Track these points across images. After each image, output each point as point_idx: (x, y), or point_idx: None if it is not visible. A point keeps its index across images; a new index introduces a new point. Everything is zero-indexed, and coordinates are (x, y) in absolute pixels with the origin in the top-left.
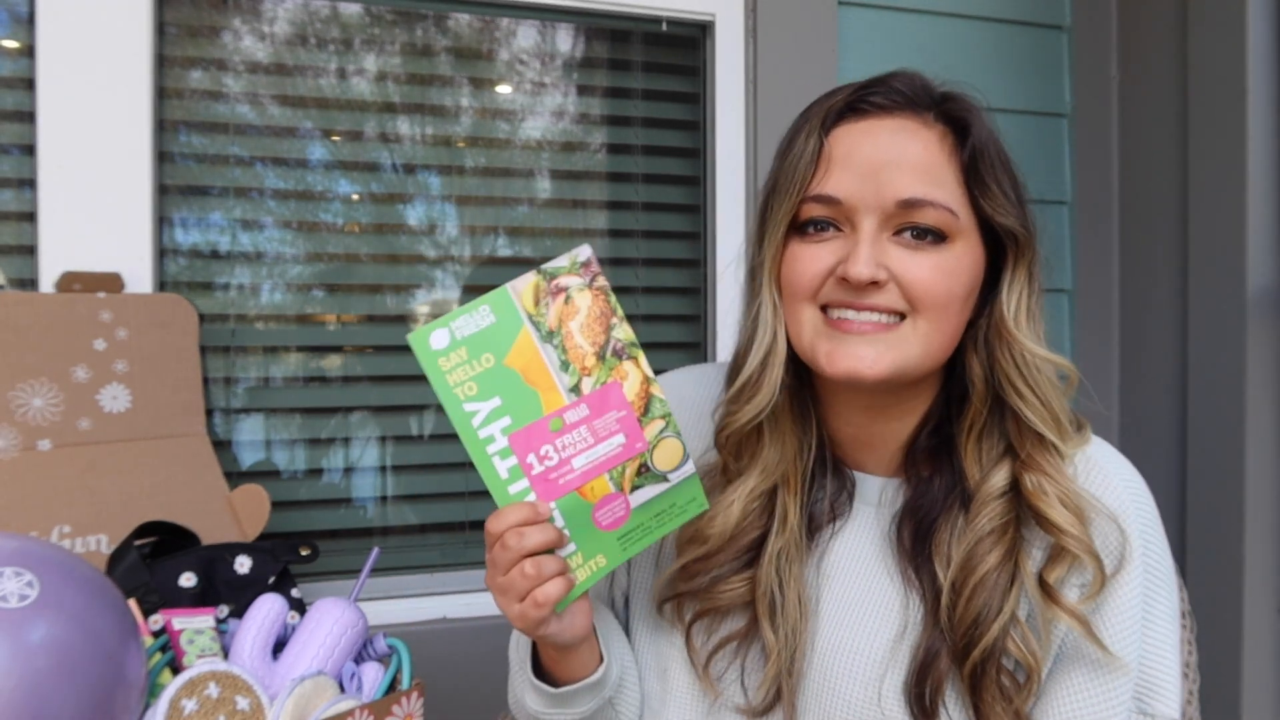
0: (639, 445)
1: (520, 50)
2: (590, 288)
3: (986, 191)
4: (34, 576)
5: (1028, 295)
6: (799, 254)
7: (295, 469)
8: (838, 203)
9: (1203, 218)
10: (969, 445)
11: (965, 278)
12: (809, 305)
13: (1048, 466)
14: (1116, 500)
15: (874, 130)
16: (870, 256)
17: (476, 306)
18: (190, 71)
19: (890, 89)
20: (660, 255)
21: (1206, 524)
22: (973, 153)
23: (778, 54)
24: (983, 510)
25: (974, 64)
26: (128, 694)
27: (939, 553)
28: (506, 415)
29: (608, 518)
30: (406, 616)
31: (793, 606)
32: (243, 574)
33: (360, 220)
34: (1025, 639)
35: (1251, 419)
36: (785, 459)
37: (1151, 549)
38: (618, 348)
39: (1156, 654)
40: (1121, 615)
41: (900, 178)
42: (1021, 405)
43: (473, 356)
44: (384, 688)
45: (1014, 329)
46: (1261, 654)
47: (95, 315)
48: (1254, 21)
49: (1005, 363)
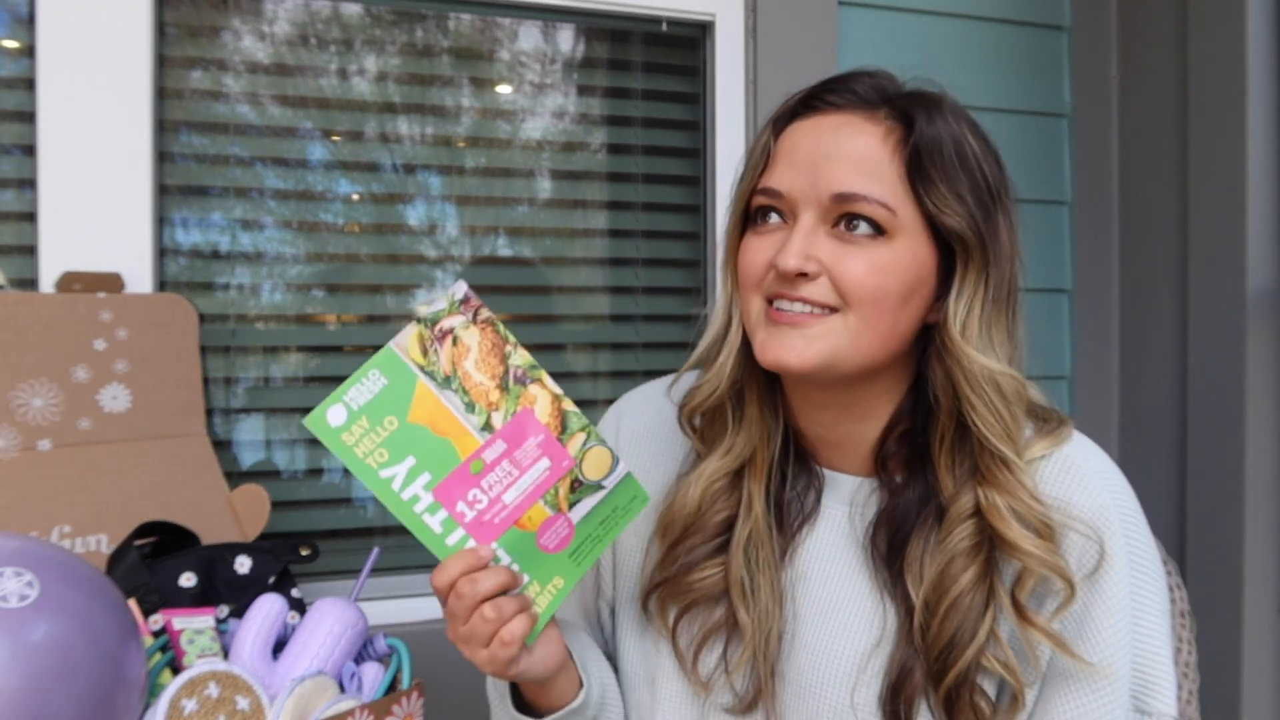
0: (566, 463)
1: (520, 50)
2: (475, 323)
3: (932, 189)
4: (34, 576)
5: (980, 305)
6: (748, 245)
7: (295, 469)
8: (779, 195)
9: (1203, 218)
10: (942, 456)
11: (901, 276)
12: (756, 296)
13: (1004, 481)
14: (1094, 503)
15: (819, 127)
16: (800, 249)
17: (365, 373)
18: (190, 72)
19: (845, 87)
20: (660, 255)
21: (1206, 524)
22: (916, 149)
23: (778, 54)
24: (955, 528)
25: (974, 64)
26: (128, 694)
27: (911, 568)
28: (425, 471)
29: (553, 540)
30: (406, 616)
31: (764, 594)
32: (243, 574)
33: (360, 220)
34: (1006, 658)
35: (1251, 419)
36: (750, 444)
37: (1136, 545)
38: (519, 374)
39: (1149, 650)
40: (1109, 620)
41: (835, 171)
42: (974, 418)
43: (374, 424)
44: (384, 688)
45: (957, 338)
46: (1261, 654)
47: (95, 315)
48: (1254, 21)
49: (955, 374)
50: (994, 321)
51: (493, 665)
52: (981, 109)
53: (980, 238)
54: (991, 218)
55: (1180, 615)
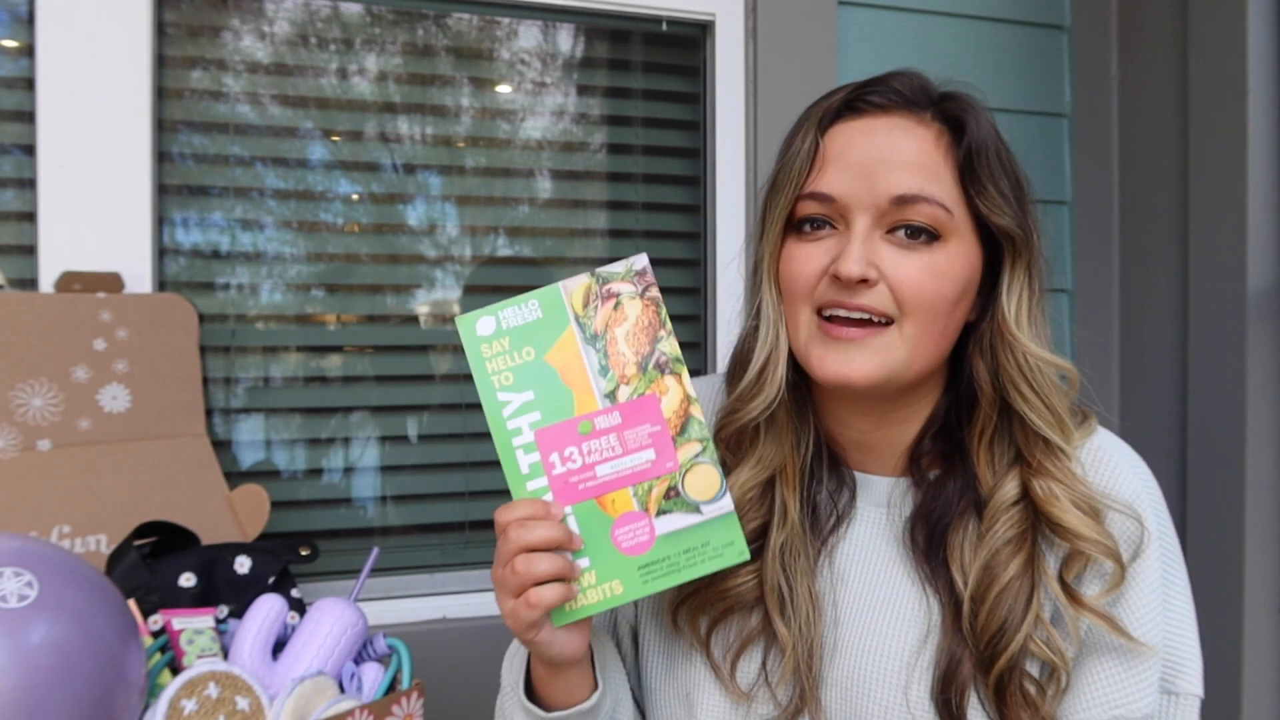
0: (669, 465)
1: (520, 50)
2: (642, 297)
3: (983, 191)
4: (34, 576)
5: (1028, 297)
6: (795, 253)
7: (295, 469)
8: (831, 200)
9: (1203, 218)
10: (981, 450)
11: (957, 279)
12: (805, 307)
13: (1056, 470)
14: (1129, 490)
15: (869, 129)
16: (861, 254)
17: (526, 300)
18: (190, 71)
19: (888, 88)
20: (660, 255)
21: (1206, 524)
22: (968, 151)
23: (778, 54)
24: (999, 518)
25: (974, 64)
26: (128, 694)
27: (955, 559)
28: (537, 410)
29: (628, 539)
30: (406, 616)
31: (803, 600)
32: (243, 574)
33: (360, 220)
34: (1051, 640)
35: (1252, 419)
36: (782, 453)
37: (1164, 532)
38: (661, 361)
39: (1177, 633)
40: (1144, 601)
41: (894, 174)
42: (1026, 409)
43: (515, 347)
44: (384, 688)
45: (1016, 331)
46: (1261, 654)
47: (95, 315)
48: (1254, 21)
49: (1009, 366)
50: (1038, 312)
51: (514, 620)
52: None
53: (1026, 233)
54: (1030, 214)
55: None
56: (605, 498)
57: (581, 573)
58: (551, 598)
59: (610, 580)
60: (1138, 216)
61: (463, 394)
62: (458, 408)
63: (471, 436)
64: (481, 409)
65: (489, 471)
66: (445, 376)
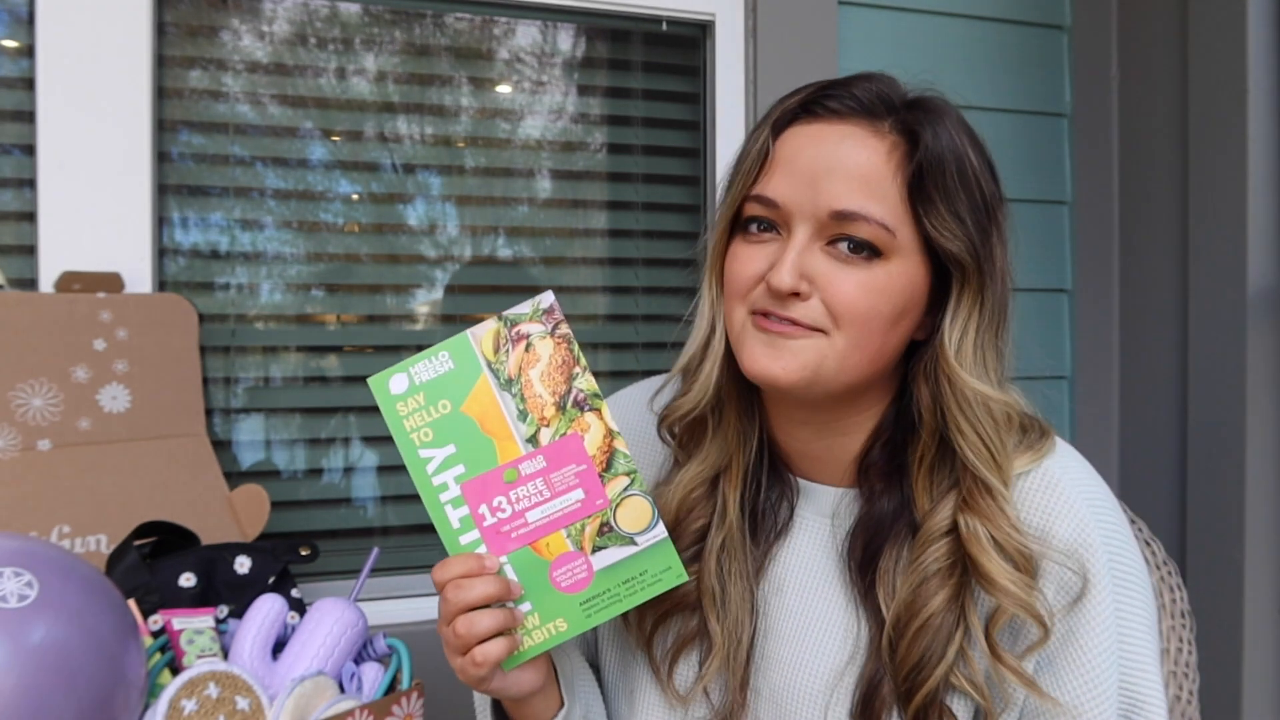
0: (599, 502)
1: (520, 50)
2: (552, 336)
3: (932, 210)
4: (33, 576)
5: (975, 327)
6: (738, 253)
7: (295, 469)
8: (775, 205)
9: (1203, 217)
10: (920, 474)
11: (895, 298)
12: (740, 306)
13: (986, 509)
14: (1071, 529)
15: (821, 136)
16: (794, 266)
17: (436, 352)
18: (190, 71)
19: (847, 94)
20: (660, 255)
21: (1207, 524)
22: (919, 168)
23: (778, 54)
24: (929, 547)
25: (974, 64)
26: (127, 694)
27: (883, 582)
28: (460, 463)
29: (567, 579)
30: (406, 616)
31: (735, 603)
32: (242, 574)
33: (360, 220)
34: (974, 677)
35: (1252, 419)
36: (726, 450)
37: (1120, 561)
38: (579, 398)
39: (1137, 667)
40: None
41: (836, 187)
42: (961, 442)
43: (430, 402)
44: (384, 688)
45: (953, 362)
46: (1262, 654)
47: (95, 315)
48: (1254, 21)
49: (946, 396)
50: (987, 343)
51: (463, 676)
52: (982, 109)
53: (977, 260)
54: (988, 238)
55: (1180, 615)
56: (539, 542)
57: (525, 616)
58: (497, 653)
59: (554, 620)
60: (1138, 216)
61: None
62: None
63: None
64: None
65: None
66: None
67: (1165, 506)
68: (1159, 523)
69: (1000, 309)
